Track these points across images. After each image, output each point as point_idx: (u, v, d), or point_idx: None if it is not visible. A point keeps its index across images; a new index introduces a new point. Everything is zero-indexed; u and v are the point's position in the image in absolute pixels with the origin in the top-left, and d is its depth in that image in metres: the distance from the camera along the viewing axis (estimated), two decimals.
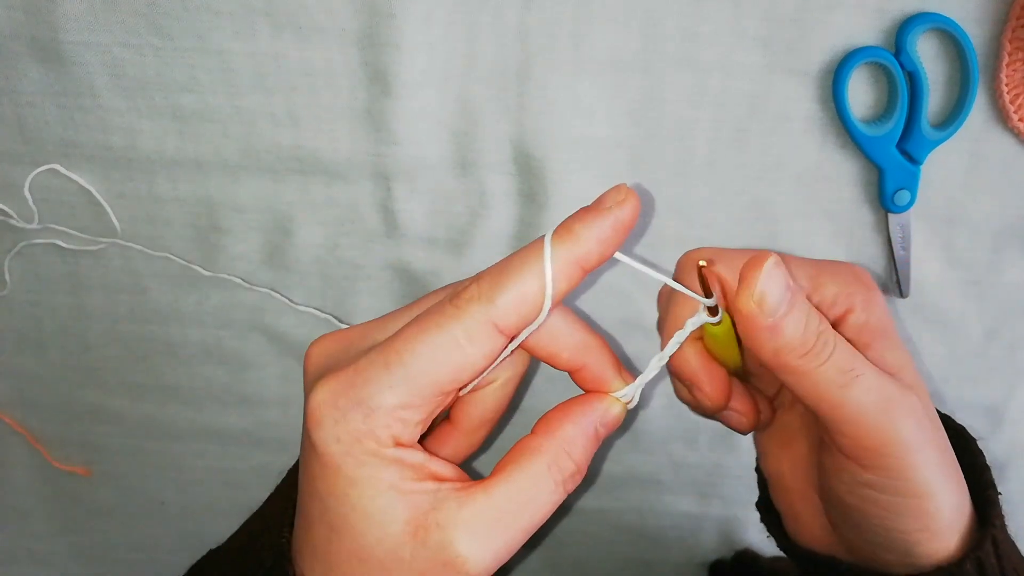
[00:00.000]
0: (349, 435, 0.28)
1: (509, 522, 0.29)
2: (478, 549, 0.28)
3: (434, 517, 0.28)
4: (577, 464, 0.31)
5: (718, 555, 0.53)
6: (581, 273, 0.29)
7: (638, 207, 0.30)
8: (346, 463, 0.28)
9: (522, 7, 0.39)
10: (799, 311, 0.30)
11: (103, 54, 0.40)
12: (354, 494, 0.29)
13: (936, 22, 0.39)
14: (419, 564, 0.28)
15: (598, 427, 0.32)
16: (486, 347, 0.29)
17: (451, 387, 0.29)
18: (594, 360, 0.33)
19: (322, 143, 0.42)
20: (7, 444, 0.51)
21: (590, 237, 0.29)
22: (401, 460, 0.29)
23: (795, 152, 0.43)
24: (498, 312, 0.28)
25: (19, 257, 0.46)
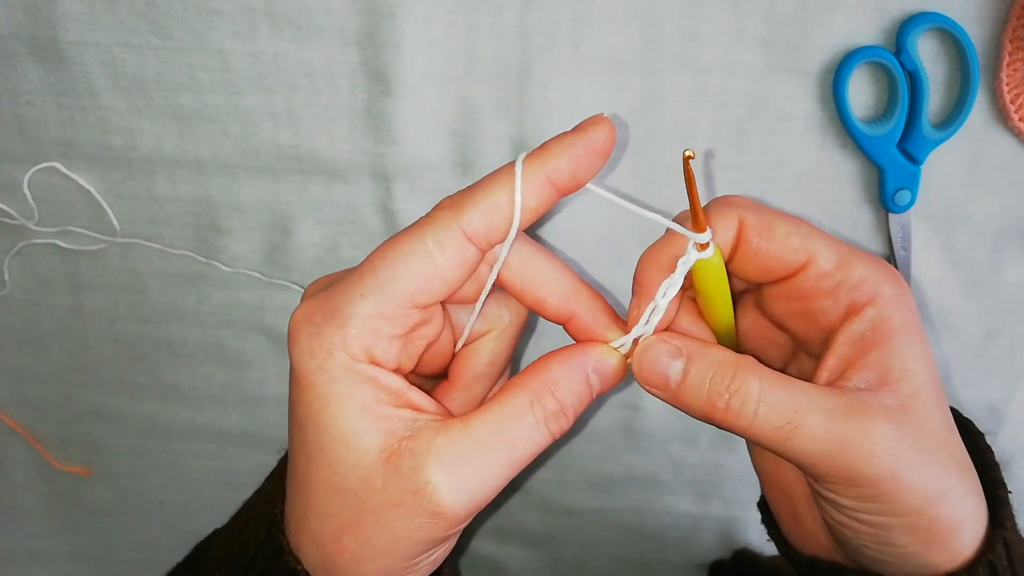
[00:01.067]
0: (322, 348, 0.28)
1: (485, 455, 0.28)
2: (450, 479, 0.28)
3: (408, 444, 0.28)
4: (561, 404, 0.30)
5: (718, 555, 0.53)
6: (552, 190, 0.29)
7: (613, 133, 0.30)
8: (320, 379, 0.28)
9: (522, 7, 0.39)
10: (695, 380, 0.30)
11: (103, 54, 0.40)
12: (328, 415, 0.28)
13: (936, 22, 0.39)
14: (391, 493, 0.28)
15: (590, 373, 0.31)
16: (456, 255, 0.29)
17: (423, 298, 0.29)
18: (584, 308, 0.32)
19: (322, 143, 0.42)
20: (7, 444, 0.51)
21: (561, 153, 0.29)
22: (375, 379, 0.29)
23: (795, 152, 0.43)
24: (466, 218, 0.29)
25: (19, 257, 0.46)
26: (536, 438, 0.29)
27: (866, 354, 0.30)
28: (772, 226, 0.30)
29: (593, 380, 0.31)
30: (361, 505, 0.28)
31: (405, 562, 0.29)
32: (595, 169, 0.30)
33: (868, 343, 0.30)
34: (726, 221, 0.31)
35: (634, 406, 0.49)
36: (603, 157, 0.30)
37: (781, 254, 0.30)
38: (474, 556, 0.54)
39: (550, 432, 0.30)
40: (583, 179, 0.30)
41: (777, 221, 0.31)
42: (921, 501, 0.29)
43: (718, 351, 0.30)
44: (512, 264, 0.31)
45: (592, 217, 0.44)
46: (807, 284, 0.31)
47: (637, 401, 0.49)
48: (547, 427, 0.30)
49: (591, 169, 0.30)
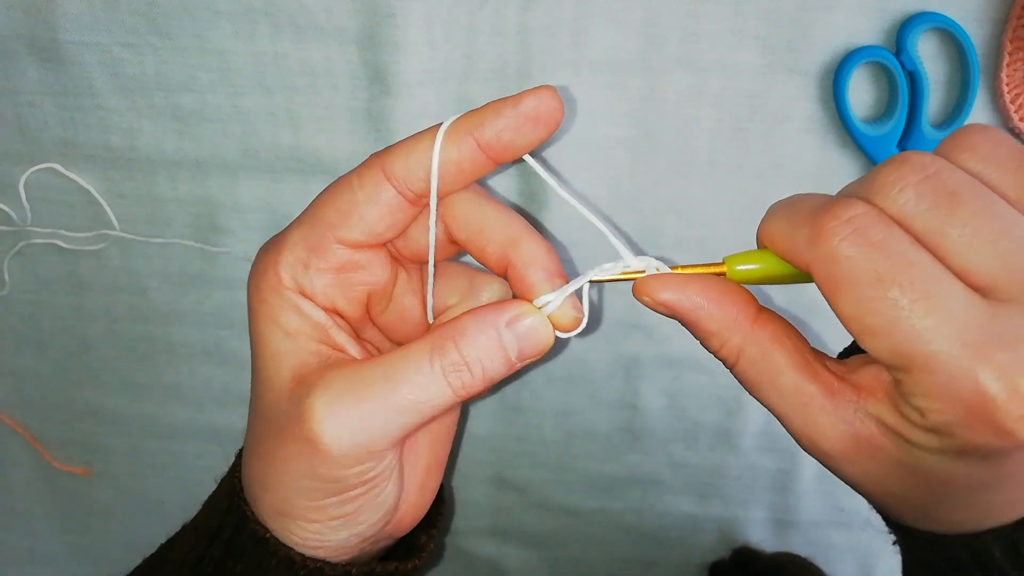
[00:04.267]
0: (261, 269, 0.31)
1: (368, 393, 0.28)
2: (329, 410, 0.28)
3: (310, 374, 0.29)
4: (464, 357, 0.29)
5: (718, 555, 0.53)
6: (475, 147, 0.30)
7: (551, 103, 0.29)
8: (256, 299, 0.30)
9: (522, 7, 0.39)
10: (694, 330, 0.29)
11: (103, 54, 0.40)
12: (258, 333, 0.30)
13: (937, 22, 0.39)
14: (287, 418, 0.29)
15: (503, 330, 0.29)
16: (374, 192, 0.30)
17: (343, 232, 0.30)
18: (520, 259, 0.31)
19: (322, 143, 0.42)
20: (7, 444, 0.51)
21: (489, 112, 0.30)
22: (300, 308, 0.30)
23: (795, 152, 0.43)
24: (388, 159, 0.30)
25: (19, 257, 0.46)
26: (431, 387, 0.29)
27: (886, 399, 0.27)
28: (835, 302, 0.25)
29: (508, 339, 0.29)
30: (267, 428, 0.30)
31: (301, 500, 0.29)
32: (528, 138, 0.30)
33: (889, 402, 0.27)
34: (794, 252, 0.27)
35: (634, 406, 0.49)
36: (537, 126, 0.30)
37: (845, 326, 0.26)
38: (474, 556, 0.54)
39: (449, 384, 0.29)
40: (512, 144, 0.30)
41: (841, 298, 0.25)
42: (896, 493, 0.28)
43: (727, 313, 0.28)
44: (458, 215, 0.32)
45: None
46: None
47: (637, 401, 0.49)
48: (445, 378, 0.29)
49: (522, 137, 0.30)
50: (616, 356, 0.48)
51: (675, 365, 0.48)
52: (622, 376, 0.48)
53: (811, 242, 0.25)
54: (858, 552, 0.53)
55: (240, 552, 0.31)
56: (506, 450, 0.50)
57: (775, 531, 0.53)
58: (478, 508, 0.52)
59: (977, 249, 0.24)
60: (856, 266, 0.24)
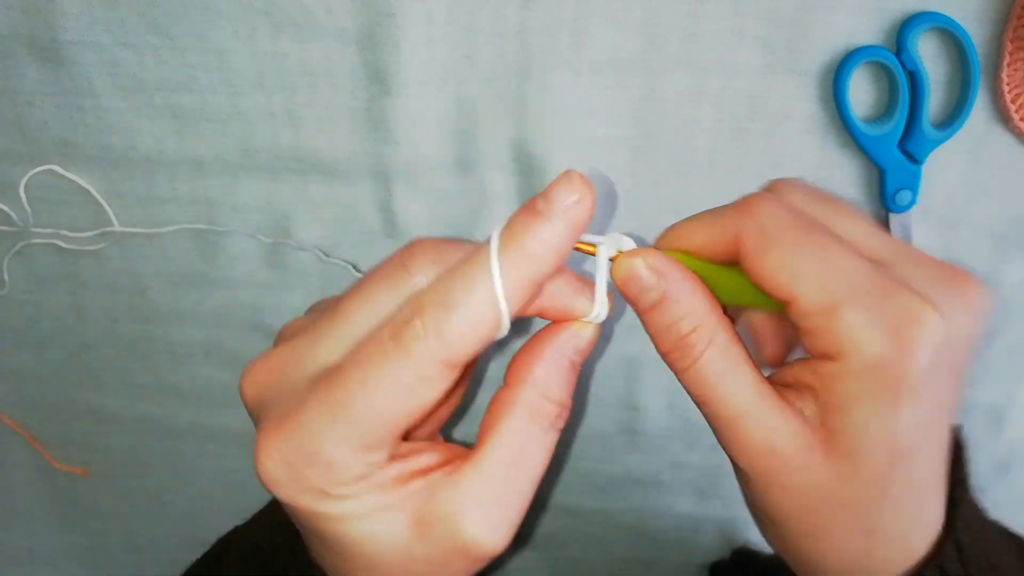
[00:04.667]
0: (312, 490, 0.27)
1: (508, 489, 0.28)
2: (488, 526, 0.27)
3: (433, 510, 0.27)
4: (559, 404, 0.29)
5: (718, 555, 0.53)
6: (536, 289, 0.28)
7: (594, 201, 0.27)
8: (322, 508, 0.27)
9: (522, 7, 0.39)
10: (664, 313, 0.29)
11: (102, 53, 0.40)
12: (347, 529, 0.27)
13: (937, 21, 0.39)
14: (435, 557, 0.28)
15: (572, 358, 0.29)
16: (441, 383, 0.27)
17: (407, 426, 0.27)
18: (559, 297, 0.30)
19: (322, 143, 0.42)
20: (7, 444, 0.51)
21: (545, 251, 0.26)
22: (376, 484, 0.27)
23: (795, 152, 0.43)
24: (449, 351, 0.26)
25: (18, 257, 0.46)
26: (548, 447, 0.29)
27: (816, 393, 0.28)
28: (764, 256, 0.27)
29: (576, 361, 0.30)
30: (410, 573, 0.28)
31: None
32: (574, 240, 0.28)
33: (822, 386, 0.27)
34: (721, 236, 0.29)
35: (634, 406, 0.49)
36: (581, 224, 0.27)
37: (765, 285, 0.28)
38: None
39: (556, 430, 0.29)
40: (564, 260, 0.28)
41: (772, 250, 0.27)
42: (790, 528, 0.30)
43: (695, 301, 0.29)
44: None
45: None
46: (791, 319, 0.28)
47: (637, 401, 0.49)
48: (554, 431, 0.29)
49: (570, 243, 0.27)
50: (616, 356, 0.48)
51: None
52: (622, 376, 0.48)
53: (739, 213, 0.28)
54: None
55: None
56: None
57: None
58: None
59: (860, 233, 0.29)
60: (787, 219, 0.28)
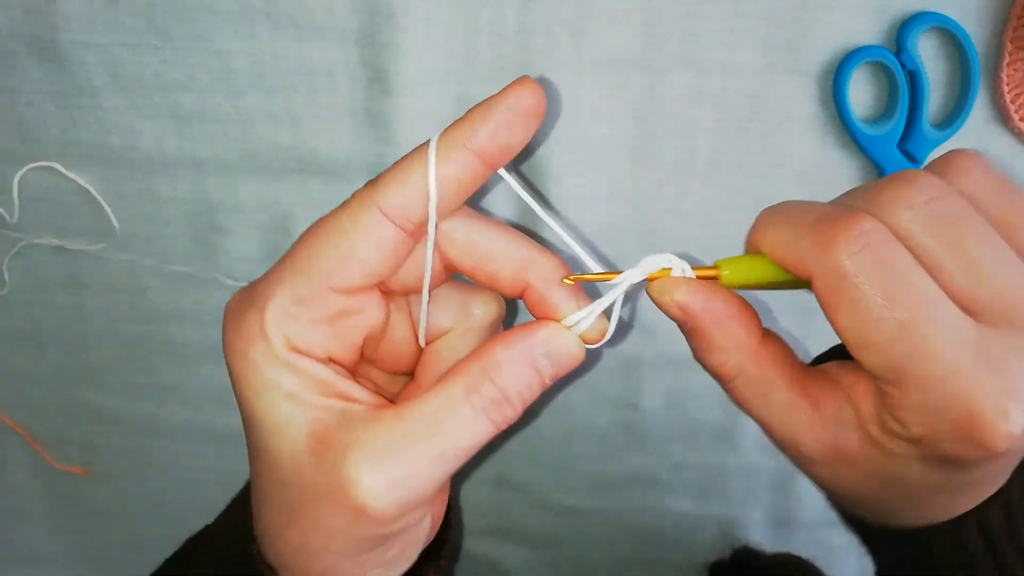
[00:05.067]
0: (244, 335, 0.27)
1: (414, 448, 0.26)
2: (374, 475, 0.26)
3: (335, 435, 0.26)
4: (503, 392, 0.27)
5: (718, 555, 0.53)
6: (473, 159, 0.28)
7: (537, 94, 0.28)
8: (244, 368, 0.28)
9: (522, 7, 0.39)
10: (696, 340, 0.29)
11: (102, 53, 0.40)
12: (259, 405, 0.27)
13: (937, 21, 0.39)
14: (319, 485, 0.27)
15: (538, 356, 0.28)
16: (372, 233, 0.27)
17: (340, 280, 0.27)
18: (538, 278, 0.29)
19: (322, 143, 0.42)
20: (7, 444, 0.51)
21: (477, 117, 0.28)
22: (298, 367, 0.27)
23: (795, 152, 0.43)
24: (381, 194, 0.27)
25: (19, 257, 0.46)
26: (476, 429, 0.27)
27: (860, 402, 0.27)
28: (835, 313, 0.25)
29: (543, 364, 0.28)
30: (296, 498, 0.27)
31: (346, 560, 0.28)
32: (520, 133, 0.28)
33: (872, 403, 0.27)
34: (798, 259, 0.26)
35: (634, 406, 0.49)
36: (528, 120, 0.28)
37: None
38: (474, 556, 0.54)
39: (492, 422, 0.28)
40: (507, 144, 0.28)
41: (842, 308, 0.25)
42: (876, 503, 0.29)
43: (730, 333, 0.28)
44: (458, 241, 0.29)
45: (590, 215, 0.44)
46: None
47: (637, 401, 0.49)
48: (488, 417, 0.27)
49: (515, 134, 0.28)
50: (616, 356, 0.48)
51: (675, 365, 0.48)
52: (622, 376, 0.48)
53: (818, 252, 0.25)
54: (858, 552, 0.53)
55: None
56: (506, 450, 0.50)
57: (775, 531, 0.53)
58: (478, 508, 0.52)
59: (972, 275, 0.25)
60: (863, 282, 0.24)
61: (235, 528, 0.33)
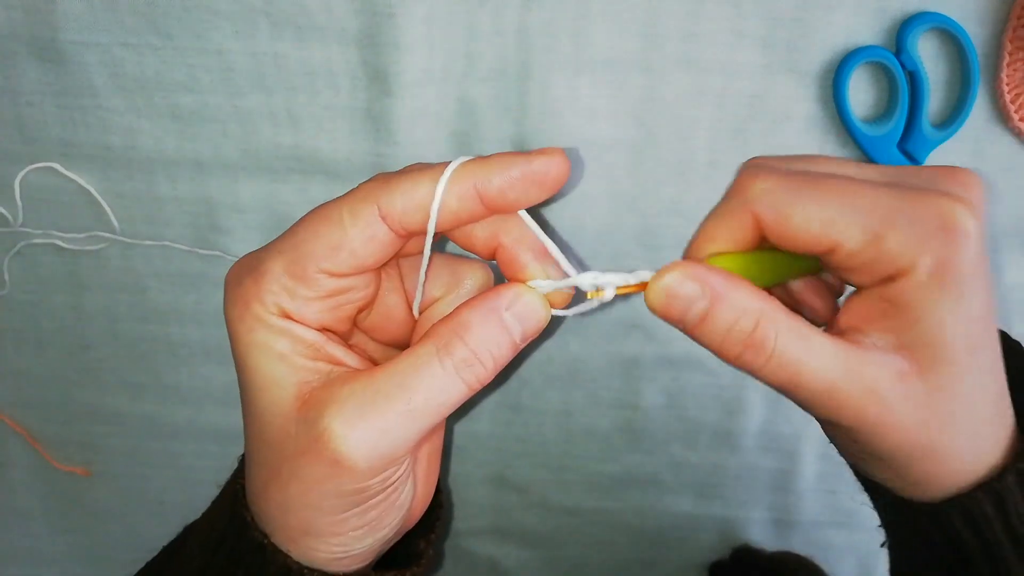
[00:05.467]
0: (242, 299, 0.30)
1: (385, 404, 0.28)
2: (348, 427, 0.27)
3: (318, 394, 0.28)
4: (474, 351, 0.29)
5: (718, 555, 0.53)
6: (477, 201, 0.29)
7: (561, 169, 0.29)
8: (241, 329, 0.30)
9: (522, 7, 0.39)
10: (715, 325, 0.28)
11: (103, 54, 0.40)
12: (251, 363, 0.29)
13: (937, 22, 0.39)
14: (300, 441, 0.28)
15: (504, 315, 0.29)
16: (366, 229, 0.29)
17: (331, 265, 0.29)
18: (509, 239, 0.31)
19: (322, 143, 0.42)
20: (7, 444, 0.51)
21: (497, 169, 0.29)
22: (290, 331, 0.29)
23: (795, 152, 0.43)
24: (385, 196, 0.29)
25: (19, 257, 0.46)
26: (447, 387, 0.29)
27: (885, 319, 0.28)
28: (788, 215, 0.28)
29: (511, 323, 0.29)
30: (279, 454, 0.29)
31: (326, 516, 0.29)
32: (531, 197, 0.29)
33: (889, 310, 0.28)
34: (738, 222, 0.29)
35: (634, 406, 0.49)
36: (542, 188, 0.29)
37: (803, 245, 0.28)
38: (474, 556, 0.54)
39: (464, 381, 0.29)
40: (515, 202, 0.29)
41: (795, 207, 0.28)
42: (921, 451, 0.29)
43: (743, 294, 0.28)
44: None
45: (590, 215, 0.44)
46: (838, 263, 0.28)
47: (637, 401, 0.49)
48: (459, 376, 0.29)
49: (525, 196, 0.29)
50: (616, 356, 0.48)
51: (675, 365, 0.48)
52: (622, 376, 0.48)
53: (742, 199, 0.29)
54: (858, 552, 0.53)
55: (239, 560, 0.31)
56: (506, 450, 0.50)
57: (775, 531, 0.53)
58: (478, 508, 0.52)
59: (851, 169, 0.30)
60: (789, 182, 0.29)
61: (225, 501, 0.34)
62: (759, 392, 0.49)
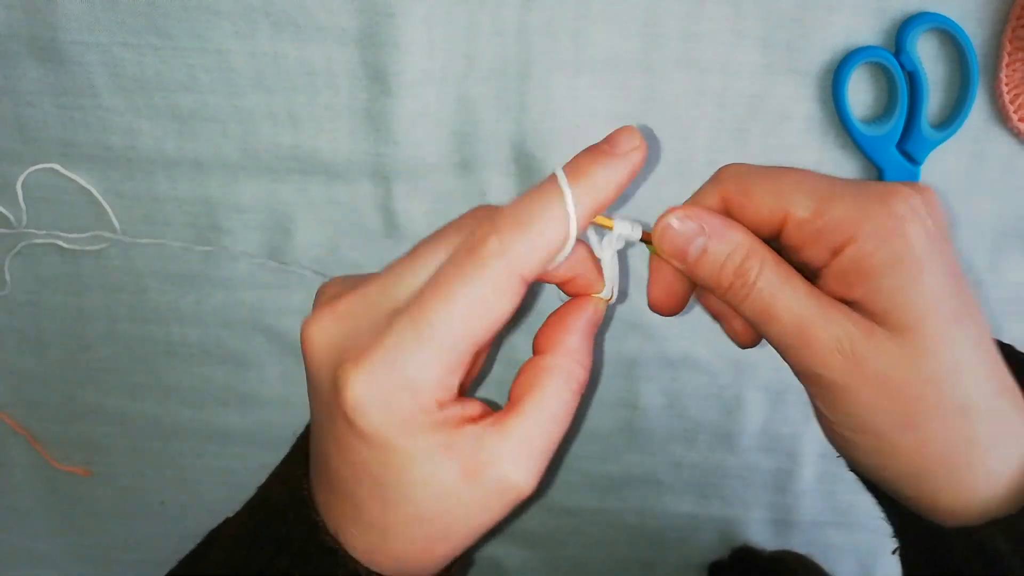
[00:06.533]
0: (401, 417, 0.28)
1: (545, 440, 0.30)
2: (526, 472, 0.30)
3: (481, 457, 0.29)
4: (587, 368, 0.32)
5: (718, 555, 0.53)
6: (595, 216, 0.31)
7: (646, 153, 0.31)
8: (401, 442, 0.29)
9: (522, 7, 0.39)
10: (711, 258, 0.31)
11: (103, 54, 0.40)
12: (413, 467, 0.29)
13: (936, 22, 0.39)
14: (477, 500, 0.30)
15: (591, 328, 0.33)
16: (514, 298, 0.29)
17: (484, 341, 0.30)
18: (584, 269, 0.33)
19: (322, 143, 0.42)
20: (7, 444, 0.51)
21: (609, 185, 0.30)
22: (446, 420, 0.29)
23: (795, 152, 0.43)
24: (523, 265, 0.29)
25: (19, 257, 0.46)
26: (576, 404, 0.32)
27: (850, 291, 0.29)
28: (749, 190, 0.31)
29: (594, 331, 0.33)
30: (450, 522, 0.30)
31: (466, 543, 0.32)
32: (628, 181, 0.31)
33: (851, 281, 0.29)
34: (709, 199, 0.32)
35: (634, 406, 0.49)
36: (636, 171, 0.31)
37: (760, 217, 0.31)
38: (474, 556, 0.54)
39: (581, 393, 0.32)
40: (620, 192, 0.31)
41: (755, 183, 0.31)
42: (885, 424, 0.29)
43: (737, 231, 0.31)
44: None
45: None
46: (791, 236, 0.31)
47: (637, 401, 0.49)
48: (581, 391, 0.32)
49: (626, 182, 0.31)
50: (616, 356, 0.48)
51: (675, 365, 0.48)
52: (622, 376, 0.48)
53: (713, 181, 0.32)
54: (858, 552, 0.53)
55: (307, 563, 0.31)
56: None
57: (775, 531, 0.53)
58: None
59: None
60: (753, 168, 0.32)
61: (278, 504, 0.34)
62: (759, 392, 0.49)
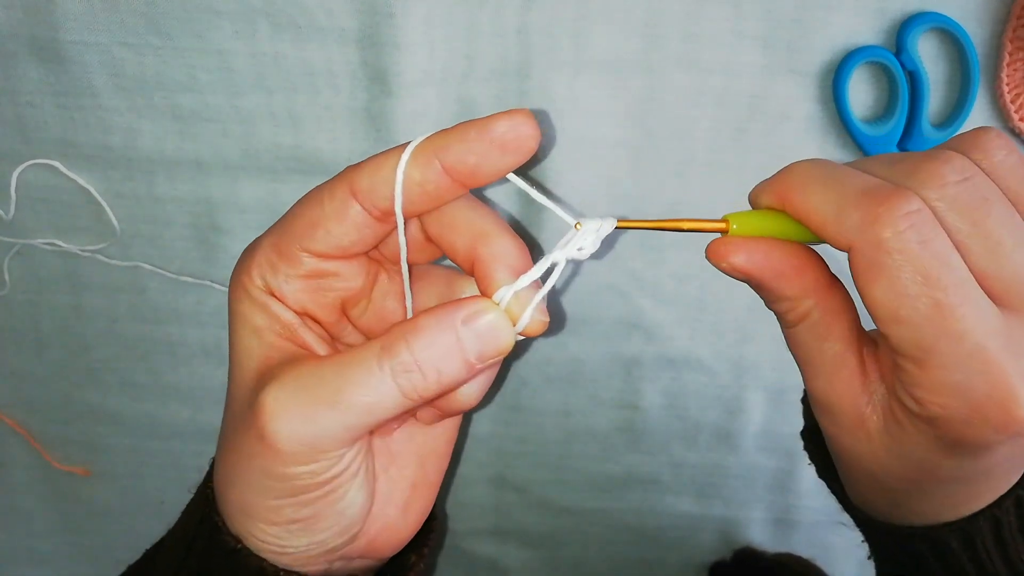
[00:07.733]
0: (236, 271, 0.31)
1: (319, 392, 0.28)
2: (278, 404, 0.27)
3: (272, 370, 0.29)
4: (416, 358, 0.27)
5: (718, 555, 0.53)
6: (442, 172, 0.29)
7: (523, 130, 0.28)
8: (231, 298, 0.31)
9: (522, 7, 0.39)
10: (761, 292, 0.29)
11: (103, 54, 0.40)
12: (233, 330, 0.31)
13: (937, 22, 0.39)
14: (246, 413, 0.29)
15: (460, 330, 0.28)
16: (340, 207, 0.30)
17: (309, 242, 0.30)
18: (487, 253, 0.30)
19: (322, 143, 0.42)
20: (7, 444, 0.51)
21: (454, 136, 0.28)
22: (268, 306, 0.30)
23: (795, 152, 0.43)
24: (355, 176, 0.30)
25: (19, 257, 0.46)
26: (379, 389, 0.27)
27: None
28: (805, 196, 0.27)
29: (466, 339, 0.28)
30: (231, 421, 0.30)
31: (257, 497, 0.29)
32: (494, 163, 0.28)
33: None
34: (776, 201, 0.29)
35: (634, 406, 0.49)
36: (506, 152, 0.28)
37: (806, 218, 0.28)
38: (474, 556, 0.54)
39: (398, 387, 0.28)
40: (478, 169, 0.28)
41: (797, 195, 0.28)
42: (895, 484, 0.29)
43: None
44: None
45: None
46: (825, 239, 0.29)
47: (637, 401, 0.49)
48: (394, 380, 0.27)
49: (488, 162, 0.28)
50: (616, 356, 0.48)
51: (675, 365, 0.48)
52: (622, 376, 0.48)
53: (864, 225, 0.25)
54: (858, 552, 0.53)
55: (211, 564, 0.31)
56: (506, 450, 0.50)
57: (775, 531, 0.53)
58: (478, 508, 0.52)
59: (995, 256, 0.25)
60: (904, 259, 0.25)
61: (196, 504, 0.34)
62: (759, 392, 0.49)
